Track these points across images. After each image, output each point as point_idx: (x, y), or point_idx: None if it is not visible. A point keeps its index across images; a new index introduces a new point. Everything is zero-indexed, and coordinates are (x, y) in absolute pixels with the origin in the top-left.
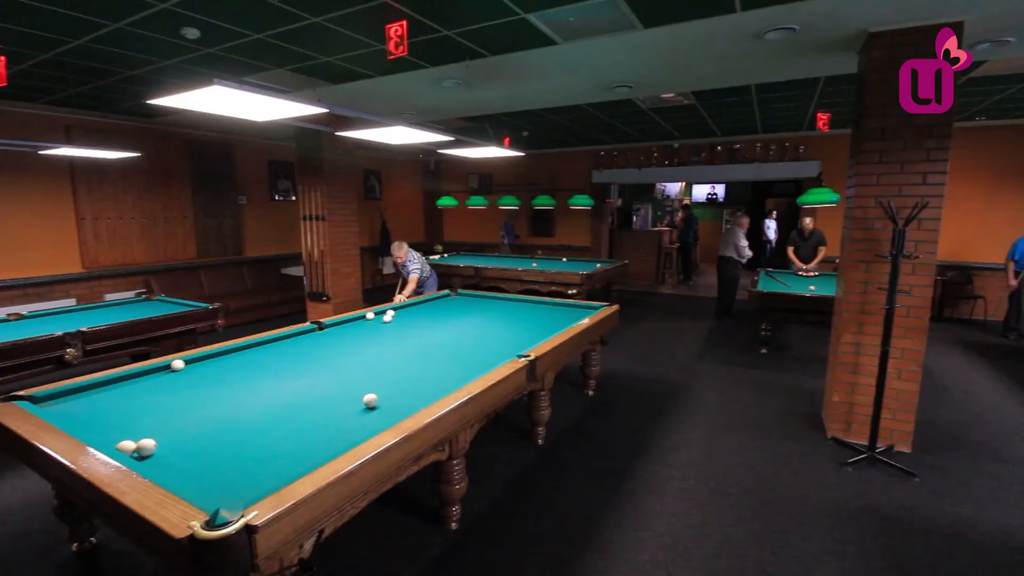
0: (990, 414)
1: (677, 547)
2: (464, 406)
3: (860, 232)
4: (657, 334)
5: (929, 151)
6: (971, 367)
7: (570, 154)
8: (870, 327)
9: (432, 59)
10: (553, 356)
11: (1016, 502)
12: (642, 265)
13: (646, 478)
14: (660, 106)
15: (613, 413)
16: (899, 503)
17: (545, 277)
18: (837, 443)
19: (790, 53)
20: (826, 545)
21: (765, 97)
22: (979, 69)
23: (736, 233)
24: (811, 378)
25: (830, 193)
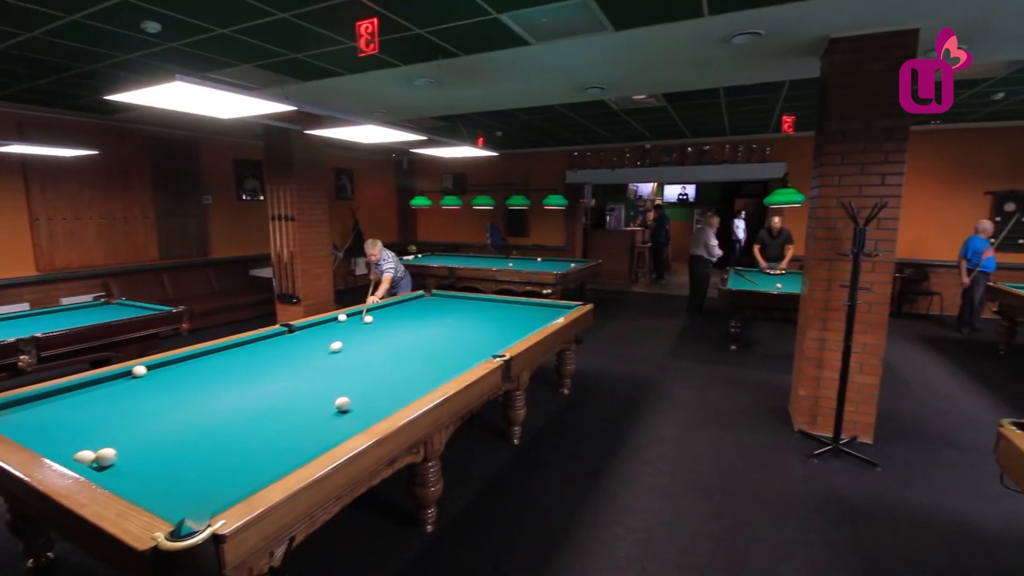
0: (947, 405)
1: (652, 543)
2: (439, 407)
3: (823, 231)
4: (631, 332)
5: (888, 153)
6: (928, 360)
7: (544, 154)
8: (833, 323)
9: (404, 57)
10: (528, 356)
11: (972, 489)
12: (616, 264)
13: (621, 475)
14: (631, 107)
15: (588, 411)
16: (863, 492)
17: (520, 277)
18: (804, 436)
19: (756, 57)
20: (795, 535)
21: (733, 100)
22: None
23: (706, 233)
24: (779, 373)
25: (795, 194)
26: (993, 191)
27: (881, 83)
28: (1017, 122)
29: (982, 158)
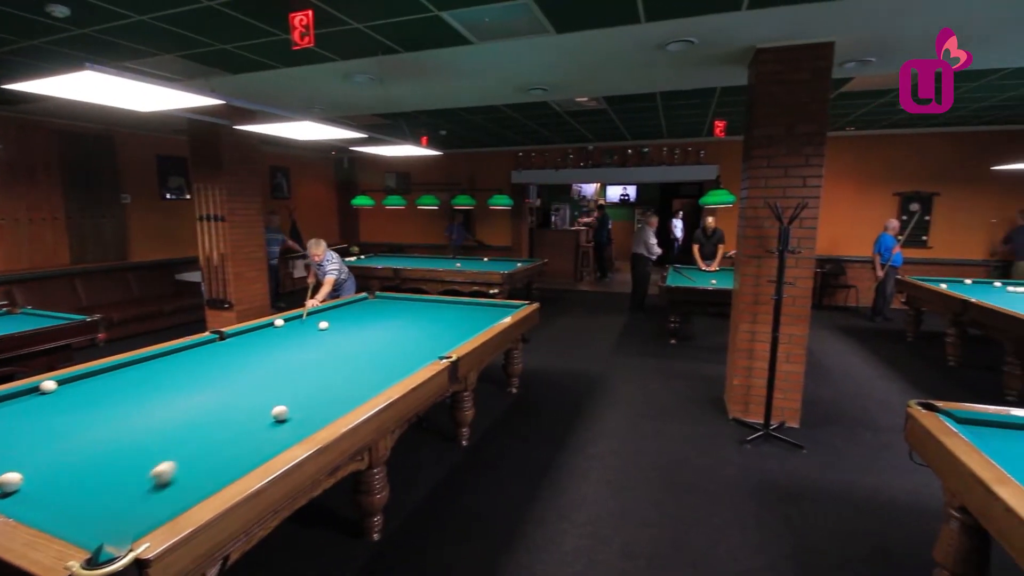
0: (863, 390)
1: (598, 534)
2: (383, 412)
3: (752, 230)
4: (576, 330)
5: (808, 157)
6: (846, 349)
7: (489, 154)
8: (762, 316)
9: (342, 52)
10: (475, 356)
11: (886, 466)
12: (561, 263)
13: (569, 470)
14: (574, 109)
15: (536, 409)
16: (791, 474)
17: (466, 277)
18: (738, 423)
19: (690, 64)
20: (731, 518)
21: (669, 104)
22: (847, 85)
23: (646, 232)
24: (714, 365)
25: (727, 195)
26: (900, 192)
27: (802, 91)
28: (920, 129)
29: (890, 162)
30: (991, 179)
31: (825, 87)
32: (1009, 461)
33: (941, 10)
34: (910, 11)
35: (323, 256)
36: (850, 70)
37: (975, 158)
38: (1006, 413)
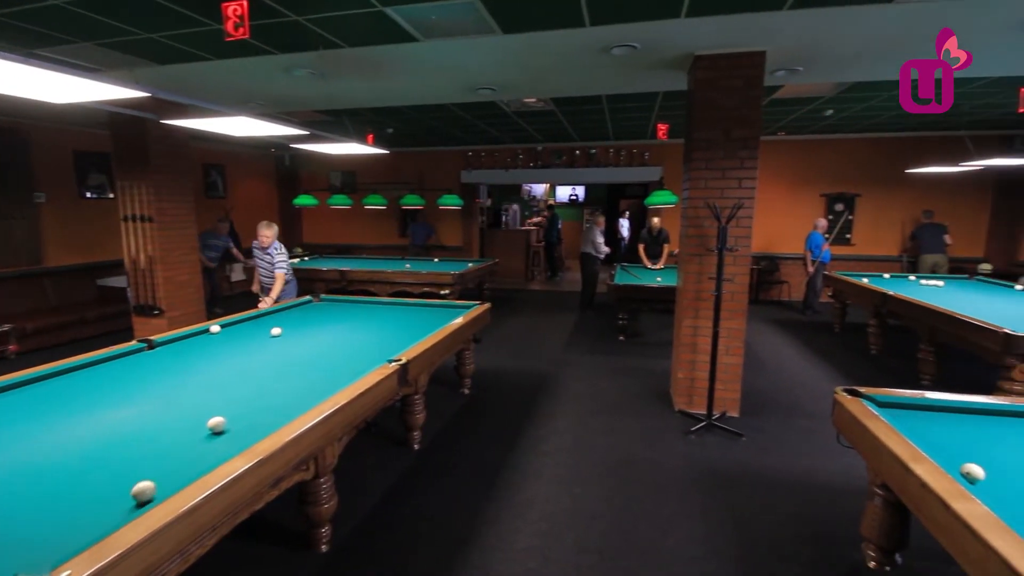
0: (796, 379)
1: (551, 532)
2: (329, 419)
3: (693, 229)
4: (528, 329)
5: (743, 160)
6: (780, 341)
7: (438, 153)
8: (704, 311)
9: (280, 45)
10: (426, 358)
11: (818, 450)
12: (512, 263)
13: (522, 469)
14: (523, 110)
15: (488, 409)
16: (732, 461)
17: (417, 278)
18: (683, 415)
19: (633, 68)
20: (678, 508)
21: (615, 107)
22: (778, 92)
23: (594, 231)
24: (661, 360)
25: (670, 195)
26: (826, 193)
27: (737, 97)
28: (844, 135)
29: (818, 165)
30: (905, 181)
31: (758, 94)
32: (924, 440)
33: (855, 28)
34: (828, 27)
35: (271, 241)
36: (780, 78)
37: (891, 162)
38: (921, 396)
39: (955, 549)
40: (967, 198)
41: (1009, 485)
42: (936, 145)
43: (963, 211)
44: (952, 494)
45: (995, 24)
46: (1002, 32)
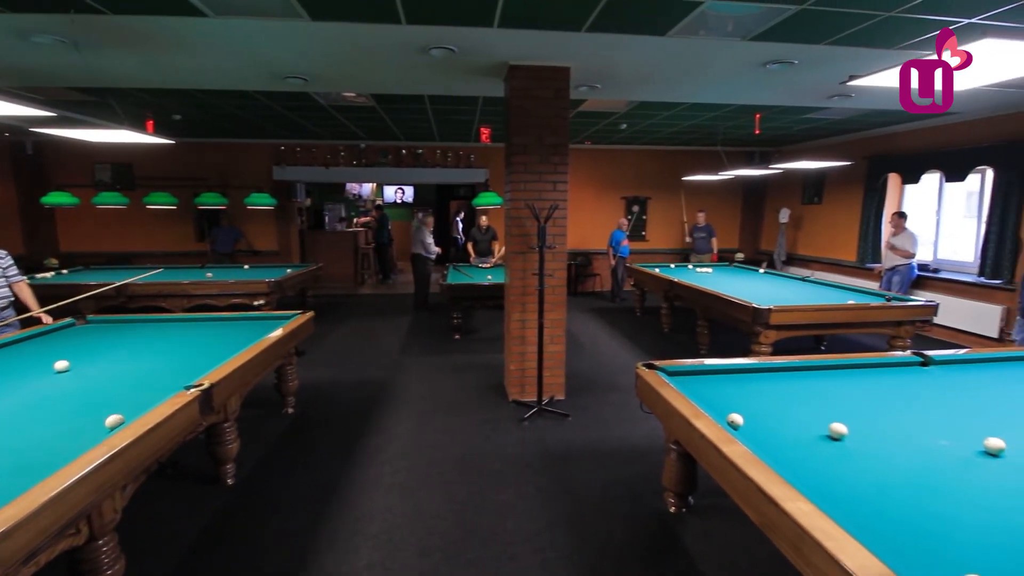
0: (610, 359)
1: (393, 542)
2: (104, 467)
3: (517, 229)
4: (360, 335)
5: (555, 165)
6: (596, 327)
7: (243, 146)
8: (530, 305)
9: (11, 2)
10: (235, 379)
11: (628, 418)
12: (340, 267)
13: (359, 483)
14: (341, 104)
15: (318, 426)
16: (560, 440)
17: (221, 289)
18: (517, 404)
19: (453, 72)
20: (515, 492)
21: (438, 108)
22: (583, 105)
23: (423, 232)
24: (495, 354)
25: (496, 196)
26: (625, 196)
27: (548, 107)
28: (637, 146)
29: (618, 172)
30: (682, 187)
31: (565, 105)
32: (702, 399)
33: (639, 54)
34: (619, 51)
35: None
36: (583, 93)
37: (672, 171)
38: (700, 363)
39: (726, 483)
40: (725, 200)
41: (760, 428)
42: (702, 157)
43: (723, 210)
44: (721, 440)
45: (740, 63)
46: (744, 70)
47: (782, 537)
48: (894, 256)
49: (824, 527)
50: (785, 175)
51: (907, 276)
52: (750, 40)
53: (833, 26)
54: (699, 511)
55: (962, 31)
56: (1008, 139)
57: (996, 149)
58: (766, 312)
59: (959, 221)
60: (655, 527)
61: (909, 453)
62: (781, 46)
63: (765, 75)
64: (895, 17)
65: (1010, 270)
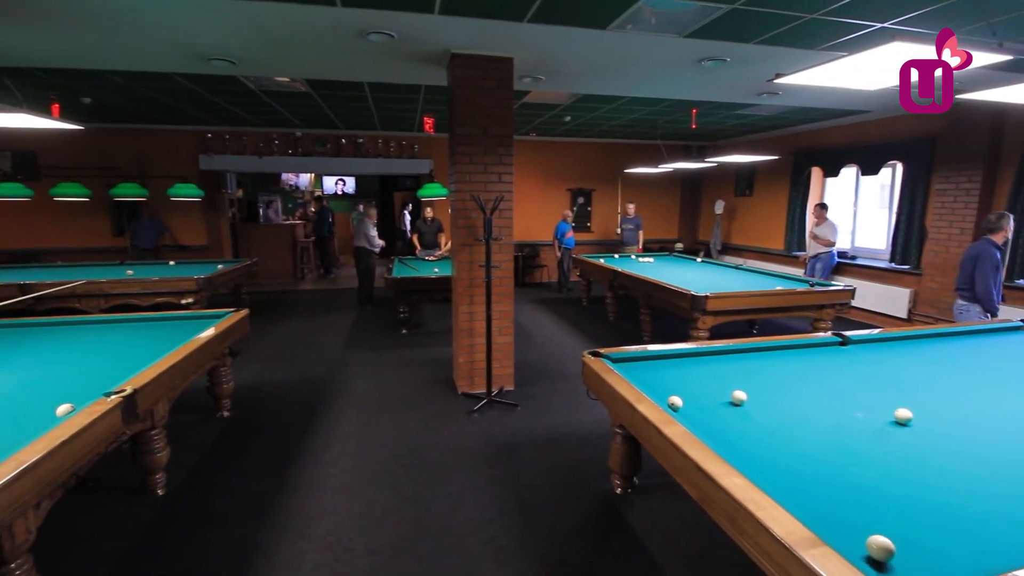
0: (558, 348)
1: (340, 543)
2: (13, 484)
3: (462, 220)
4: (301, 333)
5: (501, 156)
6: (544, 317)
7: (166, 133)
8: (478, 297)
9: None
10: (162, 384)
11: (576, 405)
12: (277, 262)
13: (302, 487)
14: (274, 89)
15: (257, 429)
16: (510, 430)
17: (145, 287)
18: (466, 396)
19: (393, 58)
20: (465, 484)
21: (379, 96)
22: (527, 96)
23: (366, 224)
24: (443, 347)
25: (441, 188)
26: (570, 188)
27: (492, 97)
28: (581, 139)
29: (563, 164)
30: (624, 179)
31: (509, 96)
32: (644, 384)
33: (580, 47)
34: (561, 43)
35: None
36: (527, 84)
37: (614, 163)
38: (643, 349)
39: (667, 463)
40: (665, 192)
41: (697, 408)
42: (643, 150)
43: (663, 202)
44: (662, 422)
45: (676, 59)
46: (681, 66)
47: (718, 510)
48: (816, 245)
49: (755, 498)
50: (720, 168)
51: (828, 263)
52: (686, 37)
53: (761, 26)
54: (643, 490)
55: (875, 35)
56: (916, 136)
57: (905, 145)
58: (703, 299)
59: (874, 212)
60: (602, 508)
61: (830, 426)
62: (714, 44)
63: (700, 72)
64: (816, 19)
65: (917, 256)
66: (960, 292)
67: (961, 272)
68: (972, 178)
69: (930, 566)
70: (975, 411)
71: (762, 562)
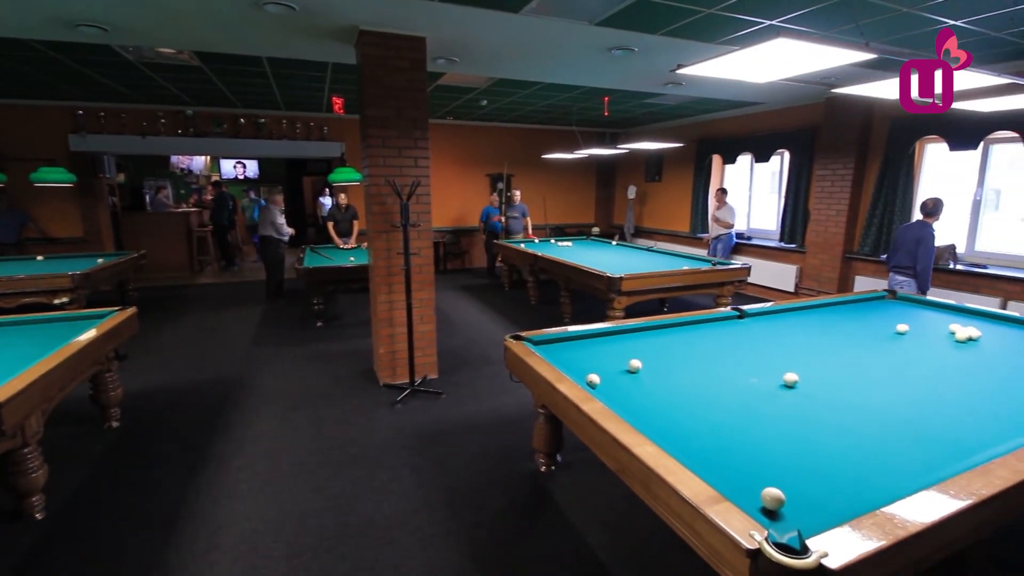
0: (481, 334)
1: (257, 550)
2: None
3: (377, 207)
4: (202, 331)
5: (416, 140)
6: (466, 304)
7: (26, 110)
8: (397, 285)
9: None
10: (33, 395)
11: (500, 389)
12: (169, 255)
13: (210, 494)
14: (158, 62)
15: (154, 438)
16: (435, 418)
17: (9, 287)
18: (388, 388)
19: (294, 32)
20: (390, 477)
21: (280, 73)
22: (442, 79)
23: (272, 211)
24: (363, 339)
25: (354, 172)
26: (490, 173)
27: (404, 78)
28: (499, 124)
29: (481, 148)
30: (543, 164)
31: (423, 77)
32: (564, 364)
33: (494, 29)
34: (474, 24)
35: None
36: (442, 66)
37: (532, 149)
38: (563, 331)
39: (587, 438)
40: (582, 178)
41: (613, 385)
42: (559, 137)
43: (580, 187)
44: (581, 399)
45: (588, 47)
46: (593, 54)
47: (634, 478)
48: (718, 227)
49: (666, 464)
50: (632, 155)
51: (728, 243)
52: (597, 25)
53: (665, 18)
54: (566, 467)
55: (764, 31)
56: (800, 126)
57: (791, 135)
58: (618, 280)
59: (766, 196)
60: (528, 487)
61: (730, 392)
62: (623, 33)
63: (611, 60)
64: (714, 14)
65: (802, 236)
66: (898, 269)
67: (898, 251)
68: (846, 165)
69: (816, 510)
70: (848, 370)
71: (673, 522)
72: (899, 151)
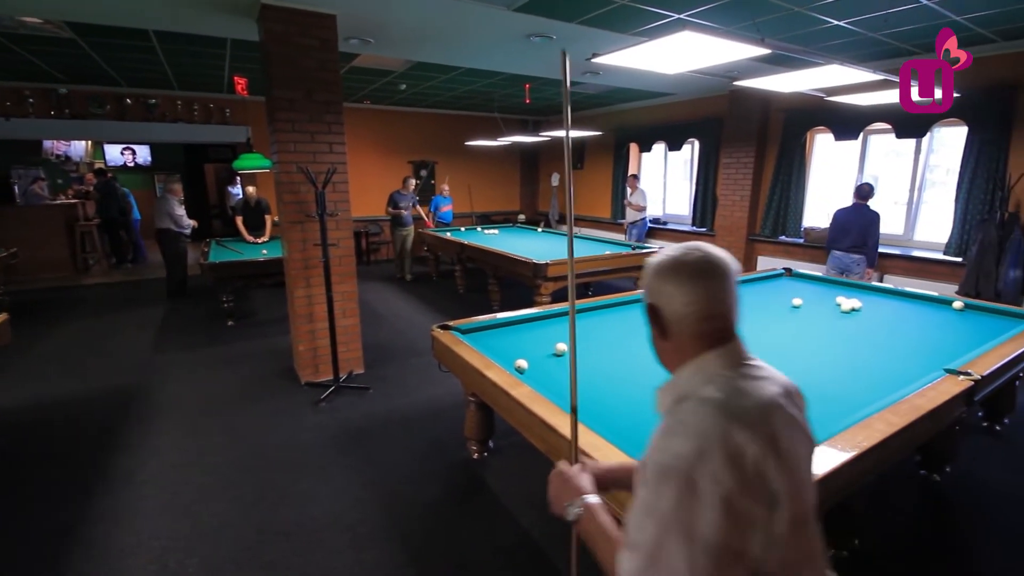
0: (408, 325)
1: (169, 567)
2: None
3: (290, 195)
4: (90, 337)
5: (330, 124)
6: (392, 295)
7: None
8: (315, 279)
9: None
10: None
11: (430, 380)
12: (47, 252)
13: (111, 515)
14: (20, 32)
15: (35, 460)
16: (362, 414)
17: None
18: (311, 386)
19: (182, 3)
20: (316, 478)
21: (171, 48)
22: (356, 60)
23: (169, 202)
24: (280, 336)
25: (262, 159)
26: (412, 160)
27: (315, 58)
28: (419, 109)
29: (403, 134)
30: (466, 151)
31: (334, 58)
32: (493, 351)
33: (406, 9)
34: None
35: None
36: (355, 46)
37: (455, 135)
38: (491, 319)
39: (516, 422)
40: (506, 165)
41: (541, 369)
42: (482, 123)
43: (504, 174)
44: (510, 384)
45: (506, 33)
46: (512, 40)
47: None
48: (632, 211)
49: (592, 442)
50: (554, 142)
51: (643, 228)
52: (515, 11)
53: (581, 6)
54: (498, 452)
55: (673, 24)
56: (707, 117)
57: (700, 125)
58: (544, 267)
59: (680, 183)
60: (461, 476)
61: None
62: (541, 20)
63: (530, 47)
64: (627, 5)
65: (711, 220)
66: (854, 249)
67: (849, 233)
68: (748, 153)
69: None
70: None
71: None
72: (793, 140)
